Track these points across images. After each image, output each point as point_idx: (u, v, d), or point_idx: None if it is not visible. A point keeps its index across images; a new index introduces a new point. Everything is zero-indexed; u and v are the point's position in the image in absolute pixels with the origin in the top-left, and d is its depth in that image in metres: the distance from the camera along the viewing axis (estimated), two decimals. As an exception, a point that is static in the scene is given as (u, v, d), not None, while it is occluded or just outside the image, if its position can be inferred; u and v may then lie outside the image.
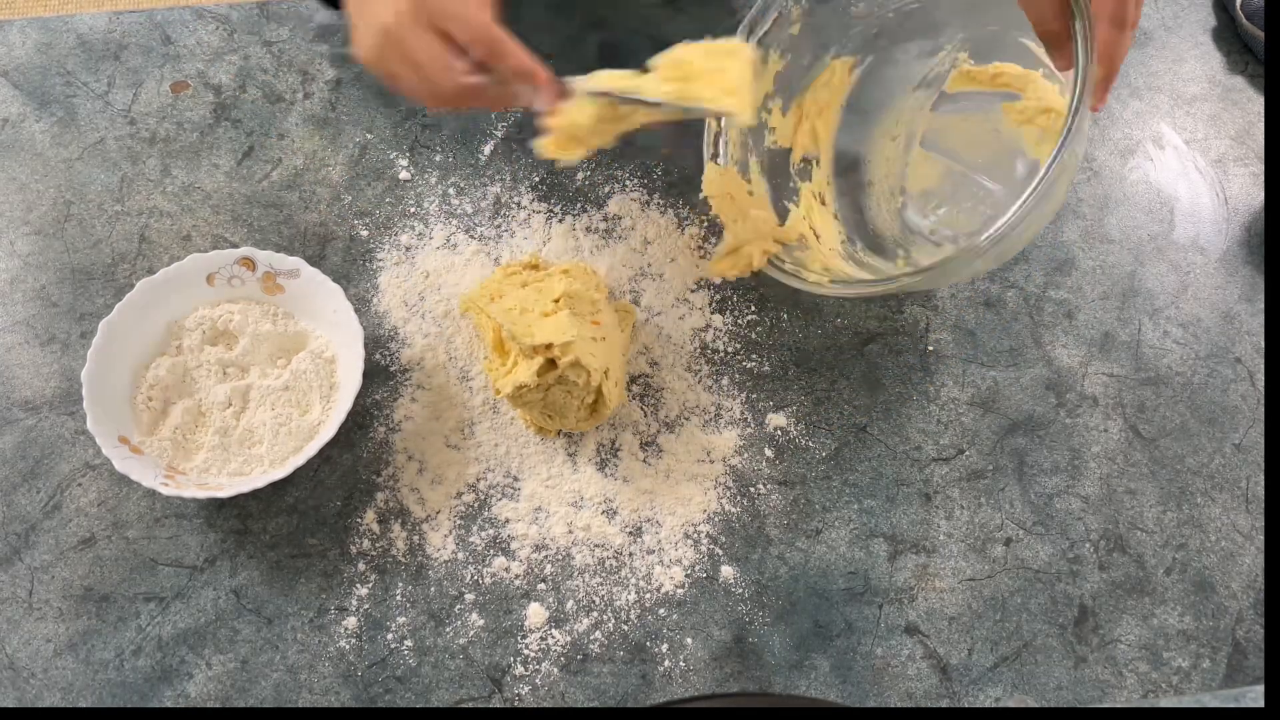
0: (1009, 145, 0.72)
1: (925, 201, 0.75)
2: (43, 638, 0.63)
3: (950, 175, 0.74)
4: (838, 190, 0.76)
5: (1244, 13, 0.84)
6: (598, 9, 0.85)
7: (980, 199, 0.73)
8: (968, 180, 0.74)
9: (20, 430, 0.69)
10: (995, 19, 0.69)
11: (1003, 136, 0.72)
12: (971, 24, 0.71)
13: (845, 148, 0.76)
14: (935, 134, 0.75)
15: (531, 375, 0.63)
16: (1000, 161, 0.73)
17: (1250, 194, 0.79)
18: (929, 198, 0.75)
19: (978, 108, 0.73)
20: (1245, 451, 0.70)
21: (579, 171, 0.79)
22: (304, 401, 0.68)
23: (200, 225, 0.76)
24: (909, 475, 0.69)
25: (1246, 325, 0.74)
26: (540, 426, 0.69)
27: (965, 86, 0.73)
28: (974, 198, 0.73)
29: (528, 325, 0.64)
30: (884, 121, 0.76)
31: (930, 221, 0.74)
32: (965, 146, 0.74)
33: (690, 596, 0.65)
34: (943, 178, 0.75)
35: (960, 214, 0.74)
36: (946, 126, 0.75)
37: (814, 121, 0.75)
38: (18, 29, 0.82)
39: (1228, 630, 0.65)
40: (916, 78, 0.74)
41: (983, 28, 0.70)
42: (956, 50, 0.73)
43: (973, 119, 0.74)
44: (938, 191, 0.75)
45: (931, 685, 0.63)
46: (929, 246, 0.73)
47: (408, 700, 0.62)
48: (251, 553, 0.66)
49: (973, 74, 0.72)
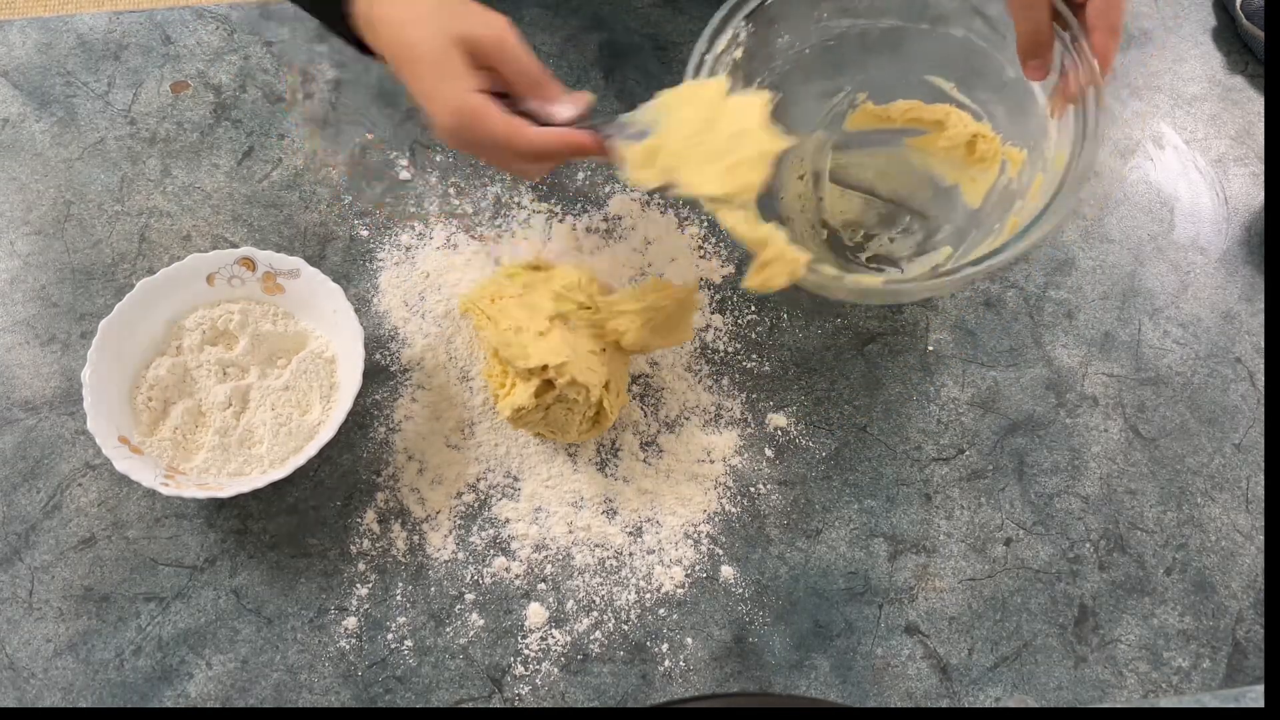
0: (922, 175, 0.73)
1: (850, 232, 0.75)
2: (43, 638, 0.63)
3: (870, 206, 0.75)
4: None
5: (1244, 13, 0.84)
6: (598, 9, 0.85)
7: (906, 226, 0.74)
8: (892, 211, 0.74)
9: (20, 430, 0.69)
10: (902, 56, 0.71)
11: (914, 168, 0.73)
12: (870, 65, 0.71)
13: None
14: (845, 171, 0.75)
15: (529, 397, 0.63)
16: (918, 190, 0.74)
17: (1250, 194, 0.79)
18: (853, 228, 0.75)
19: (880, 144, 0.74)
20: (1245, 451, 0.70)
21: (579, 172, 0.79)
22: (304, 401, 0.68)
23: (200, 225, 0.76)
24: (909, 475, 0.69)
25: (1246, 325, 0.74)
26: (541, 434, 0.69)
27: (868, 124, 0.74)
28: (902, 226, 0.74)
29: (523, 346, 0.64)
30: (789, 161, 0.74)
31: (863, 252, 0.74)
32: (879, 179, 0.75)
33: (690, 596, 0.65)
34: (863, 209, 0.75)
35: (892, 242, 0.74)
36: (856, 163, 0.75)
37: None
38: (18, 29, 0.82)
39: (1228, 630, 0.65)
40: (816, 116, 0.74)
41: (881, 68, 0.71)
42: (855, 91, 0.73)
43: (879, 155, 0.75)
44: (861, 221, 0.75)
45: (931, 685, 0.63)
46: (870, 273, 0.73)
47: (408, 700, 0.62)
48: (251, 553, 0.66)
49: (877, 112, 0.73)
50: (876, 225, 0.75)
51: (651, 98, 0.60)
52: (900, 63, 0.71)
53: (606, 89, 0.81)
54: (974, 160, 0.71)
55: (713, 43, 0.65)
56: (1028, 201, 0.64)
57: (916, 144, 0.73)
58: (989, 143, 0.70)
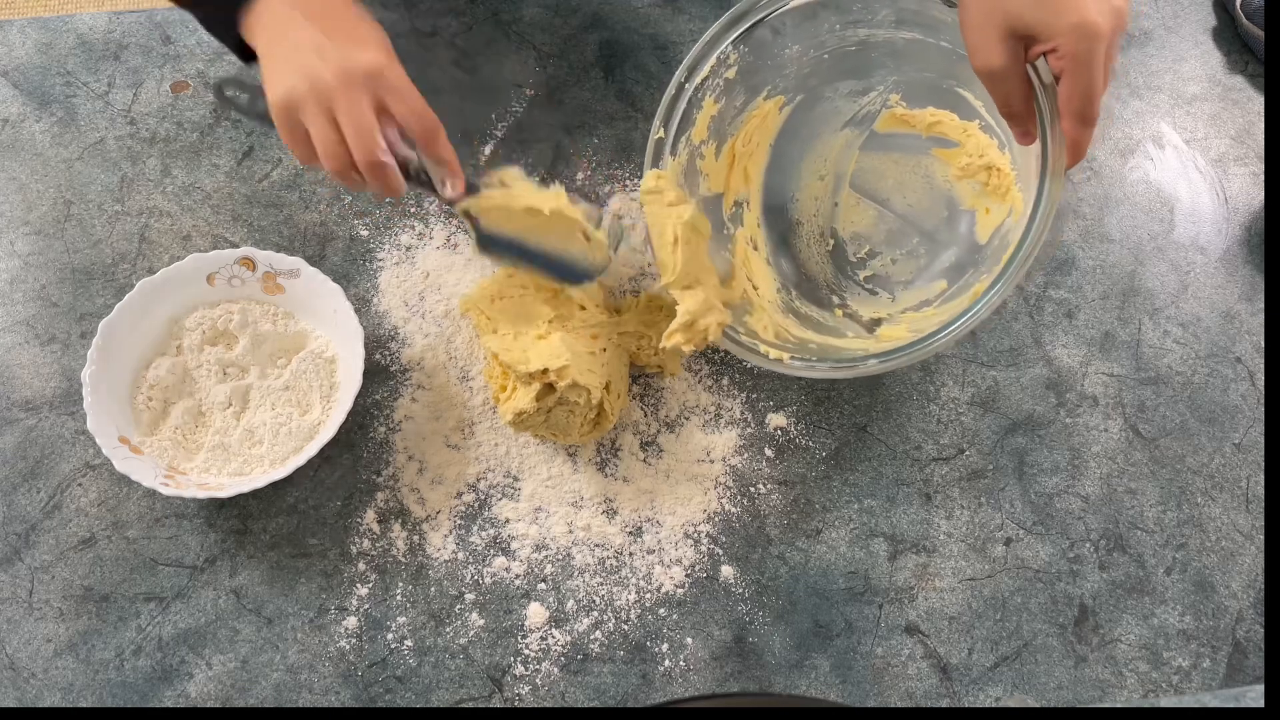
0: (942, 194, 0.72)
1: (856, 245, 0.74)
2: (43, 638, 0.63)
3: (882, 220, 0.74)
4: (767, 232, 0.74)
5: (1244, 12, 0.84)
6: (598, 9, 0.85)
7: (912, 249, 0.73)
8: (900, 227, 0.74)
9: (20, 430, 0.69)
10: (930, 67, 0.69)
11: (935, 184, 0.72)
12: (905, 68, 0.70)
13: (774, 186, 0.75)
14: (865, 176, 0.74)
15: (530, 401, 0.63)
16: (933, 210, 0.73)
17: (1250, 193, 0.79)
18: (859, 241, 0.74)
19: (909, 150, 0.73)
20: (1245, 451, 0.70)
21: (579, 172, 0.79)
22: (304, 401, 0.68)
23: (200, 225, 0.76)
24: (909, 475, 0.69)
25: (1246, 325, 0.74)
26: (542, 436, 0.69)
27: (897, 128, 0.73)
28: (907, 246, 0.73)
29: (522, 351, 0.64)
30: (812, 159, 0.75)
31: (862, 269, 0.74)
32: (896, 191, 0.74)
33: (690, 596, 0.65)
34: (874, 223, 0.74)
35: (894, 263, 0.73)
36: (877, 169, 0.74)
37: (745, 163, 0.74)
38: (18, 29, 0.82)
39: (1228, 630, 0.65)
40: (846, 115, 0.73)
41: (917, 73, 0.70)
42: (889, 92, 0.72)
43: (904, 164, 0.73)
44: (869, 236, 0.74)
45: (931, 685, 0.63)
46: (863, 294, 0.73)
47: (408, 700, 0.62)
48: (251, 553, 0.66)
49: (906, 117, 0.72)
50: (883, 242, 0.74)
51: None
52: (932, 70, 0.69)
53: (606, 89, 0.81)
54: (989, 191, 0.69)
55: (693, 72, 0.67)
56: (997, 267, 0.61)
57: (943, 155, 0.72)
58: (1002, 178, 0.68)
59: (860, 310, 0.72)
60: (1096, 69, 0.52)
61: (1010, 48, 0.55)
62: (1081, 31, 0.51)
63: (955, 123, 0.70)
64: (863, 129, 0.74)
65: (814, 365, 0.63)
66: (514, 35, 0.83)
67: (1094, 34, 0.51)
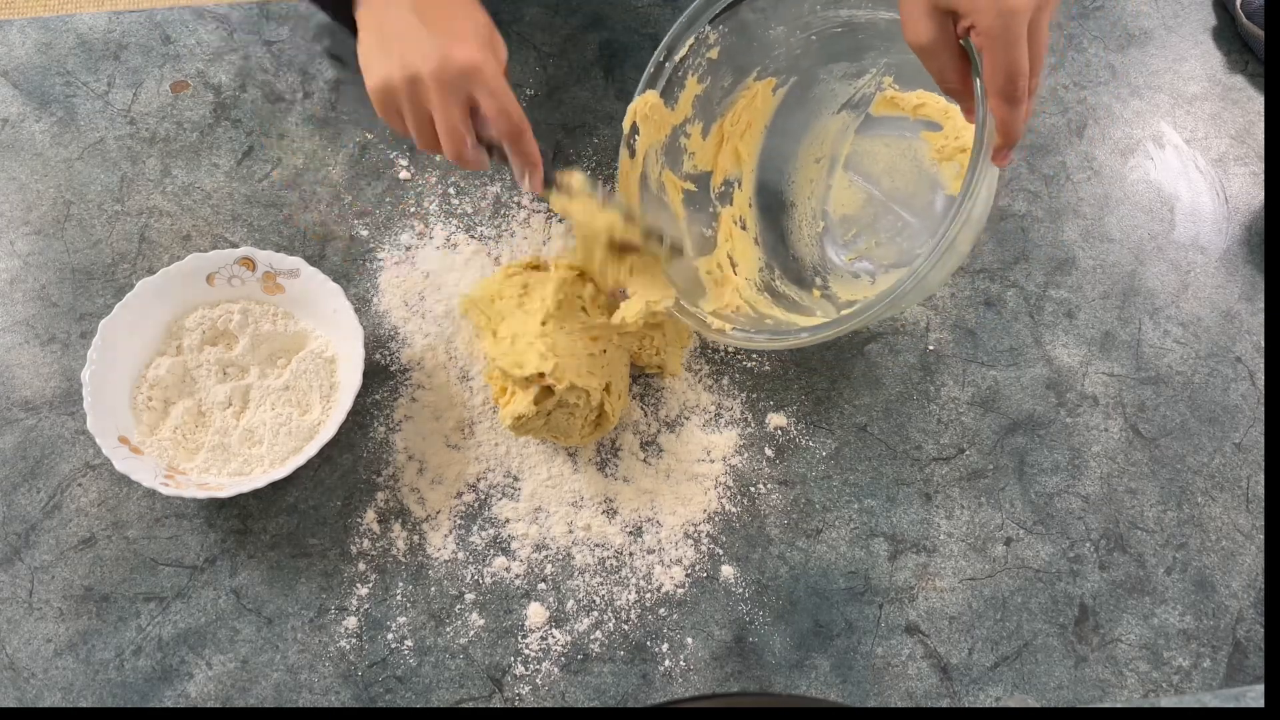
0: (929, 178, 0.73)
1: (845, 228, 0.75)
2: (43, 638, 0.63)
3: (871, 203, 0.75)
4: (759, 212, 0.75)
5: (1244, 12, 0.84)
6: (598, 8, 0.85)
7: (898, 231, 0.73)
8: (888, 210, 0.74)
9: (20, 430, 0.69)
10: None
11: (923, 168, 0.73)
12: (895, 49, 0.70)
13: (769, 168, 0.76)
14: (858, 158, 0.75)
15: (529, 405, 0.63)
16: (919, 193, 0.73)
17: (1250, 193, 0.79)
18: (848, 224, 0.75)
19: (901, 134, 0.73)
20: (1245, 451, 0.70)
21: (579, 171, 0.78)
22: (304, 401, 0.68)
23: (200, 225, 0.76)
24: (909, 475, 0.69)
25: (1247, 324, 0.74)
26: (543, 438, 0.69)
27: (889, 111, 0.73)
28: (893, 229, 0.74)
29: (519, 355, 0.64)
30: (808, 142, 0.75)
31: (848, 251, 0.74)
32: (886, 174, 0.74)
33: (690, 596, 0.65)
34: (863, 205, 0.75)
35: (878, 245, 0.74)
36: (869, 152, 0.75)
37: (736, 143, 0.74)
38: (18, 29, 0.82)
39: (1228, 630, 0.65)
40: (842, 98, 0.74)
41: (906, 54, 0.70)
42: (881, 75, 0.72)
43: (895, 146, 0.74)
44: (857, 219, 0.75)
45: (932, 685, 0.63)
46: (846, 276, 0.73)
47: (408, 700, 0.62)
48: (251, 553, 0.66)
49: (896, 100, 0.73)
50: (870, 224, 0.74)
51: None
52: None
53: (606, 88, 0.81)
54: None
55: (671, 50, 0.68)
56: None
57: (929, 138, 0.72)
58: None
59: (839, 292, 0.73)
60: (1015, 46, 0.51)
61: (938, 22, 0.54)
62: (999, 7, 0.51)
63: (939, 105, 0.71)
64: (859, 112, 0.74)
65: (752, 337, 0.65)
66: (514, 35, 0.83)
67: (1011, 9, 0.51)
